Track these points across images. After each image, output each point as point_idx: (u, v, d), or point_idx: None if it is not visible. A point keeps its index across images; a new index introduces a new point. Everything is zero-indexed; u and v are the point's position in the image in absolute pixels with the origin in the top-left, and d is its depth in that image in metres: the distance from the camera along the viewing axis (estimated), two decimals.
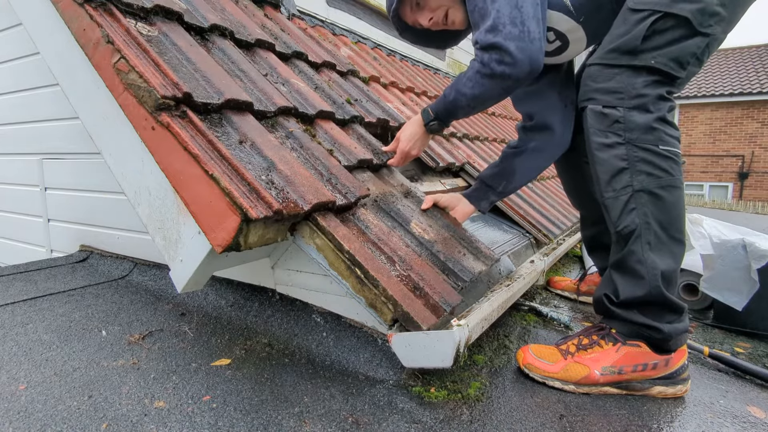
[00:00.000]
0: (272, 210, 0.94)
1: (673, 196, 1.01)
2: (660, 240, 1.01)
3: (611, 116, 1.03)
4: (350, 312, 1.19)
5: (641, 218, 1.01)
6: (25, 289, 1.59)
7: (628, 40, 1.01)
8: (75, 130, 1.90)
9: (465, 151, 2.25)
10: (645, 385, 1.04)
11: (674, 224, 1.02)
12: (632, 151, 1.01)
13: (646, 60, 1.00)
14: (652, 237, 1.01)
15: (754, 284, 1.43)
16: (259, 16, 1.82)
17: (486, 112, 3.52)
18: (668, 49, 0.98)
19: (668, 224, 1.01)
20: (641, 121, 1.00)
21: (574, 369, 1.05)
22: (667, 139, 1.01)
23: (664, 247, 1.02)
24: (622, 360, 1.04)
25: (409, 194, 1.44)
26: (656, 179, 1.00)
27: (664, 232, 1.01)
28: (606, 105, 1.04)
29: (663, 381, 1.04)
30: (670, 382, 1.04)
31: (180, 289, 1.05)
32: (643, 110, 1.00)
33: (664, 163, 1.00)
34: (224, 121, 1.11)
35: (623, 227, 1.04)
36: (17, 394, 0.97)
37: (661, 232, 1.01)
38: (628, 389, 1.05)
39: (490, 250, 1.35)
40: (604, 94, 1.05)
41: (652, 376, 1.04)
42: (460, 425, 0.90)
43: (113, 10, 1.13)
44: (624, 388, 1.05)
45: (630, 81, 1.01)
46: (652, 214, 1.01)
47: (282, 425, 0.88)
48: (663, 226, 1.01)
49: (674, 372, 1.04)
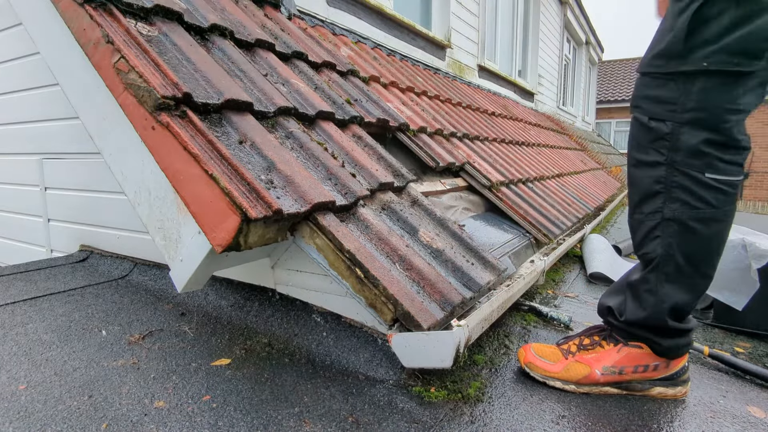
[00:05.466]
0: (272, 210, 0.94)
1: (710, 229, 0.89)
2: (681, 273, 0.93)
3: (657, 131, 0.89)
4: (350, 312, 1.19)
5: (664, 248, 0.92)
6: (25, 289, 1.59)
7: (672, 41, 0.83)
8: (75, 130, 1.90)
9: (465, 151, 2.25)
10: (645, 386, 1.04)
11: (705, 259, 0.91)
12: (672, 174, 0.88)
13: (697, 63, 0.81)
14: (672, 269, 0.93)
15: (754, 284, 1.43)
16: (259, 16, 1.82)
17: (486, 111, 3.52)
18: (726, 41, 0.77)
19: (698, 259, 0.91)
20: (691, 142, 0.85)
21: (575, 368, 1.05)
22: (719, 165, 0.85)
23: (685, 280, 0.93)
24: (623, 360, 1.03)
25: (416, 202, 1.44)
26: (692, 210, 0.88)
27: (690, 265, 0.92)
28: (653, 117, 0.89)
29: (663, 382, 1.03)
30: (670, 383, 1.03)
31: (180, 288, 1.05)
32: (701, 127, 0.84)
33: (707, 194, 0.86)
34: (224, 121, 1.12)
35: (643, 253, 0.98)
36: (17, 394, 0.97)
37: (686, 266, 0.92)
38: (629, 389, 1.05)
39: (497, 260, 1.36)
40: (653, 103, 0.89)
41: (653, 377, 1.03)
42: (460, 425, 0.90)
43: (113, 10, 1.13)
44: (624, 388, 1.05)
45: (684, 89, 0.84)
46: (677, 246, 0.91)
47: (282, 425, 0.88)
48: (690, 260, 0.91)
49: (675, 373, 1.03)
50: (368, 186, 1.29)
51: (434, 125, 2.19)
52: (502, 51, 5.45)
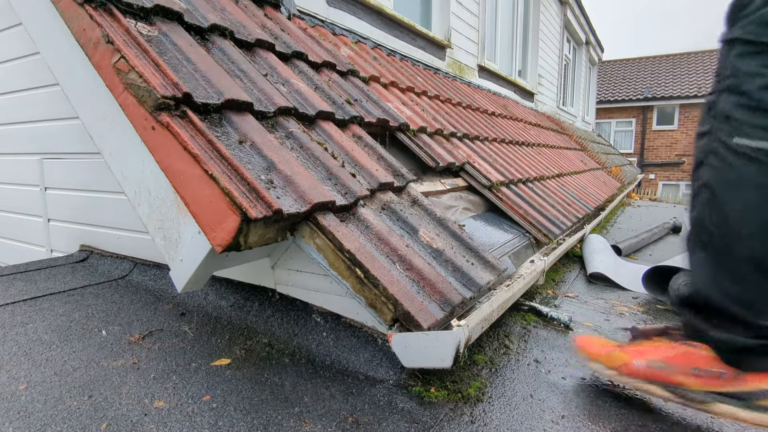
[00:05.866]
0: (272, 210, 0.94)
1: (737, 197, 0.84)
2: (714, 246, 0.88)
3: (708, 102, 0.91)
4: (350, 312, 1.19)
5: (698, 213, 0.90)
6: (25, 289, 1.59)
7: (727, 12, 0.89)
8: (75, 130, 1.90)
9: (465, 151, 2.26)
10: (707, 398, 0.85)
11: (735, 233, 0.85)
12: (711, 141, 0.88)
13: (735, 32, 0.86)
14: (706, 237, 0.89)
15: None
16: (259, 16, 1.82)
17: (486, 111, 3.52)
18: (760, 13, 0.82)
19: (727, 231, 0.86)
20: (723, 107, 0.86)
21: (617, 355, 0.96)
22: (747, 130, 0.82)
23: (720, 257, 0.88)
24: (676, 358, 0.88)
25: (416, 202, 1.44)
26: (720, 174, 0.86)
27: (722, 238, 0.86)
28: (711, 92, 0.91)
29: (732, 400, 0.83)
30: (743, 403, 0.82)
31: (180, 288, 1.05)
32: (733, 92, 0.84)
33: (735, 159, 0.84)
34: (224, 121, 1.12)
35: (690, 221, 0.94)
36: (17, 394, 0.97)
37: (718, 237, 0.87)
38: (685, 398, 0.87)
39: (497, 260, 1.36)
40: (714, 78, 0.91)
41: (716, 389, 0.84)
42: (460, 425, 0.90)
43: (113, 10, 1.13)
44: (679, 395, 0.88)
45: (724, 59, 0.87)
46: (708, 214, 0.88)
47: (282, 425, 0.88)
48: (721, 231, 0.86)
49: (749, 392, 0.82)
50: (368, 186, 1.29)
51: (434, 125, 2.19)
52: (502, 51, 5.45)
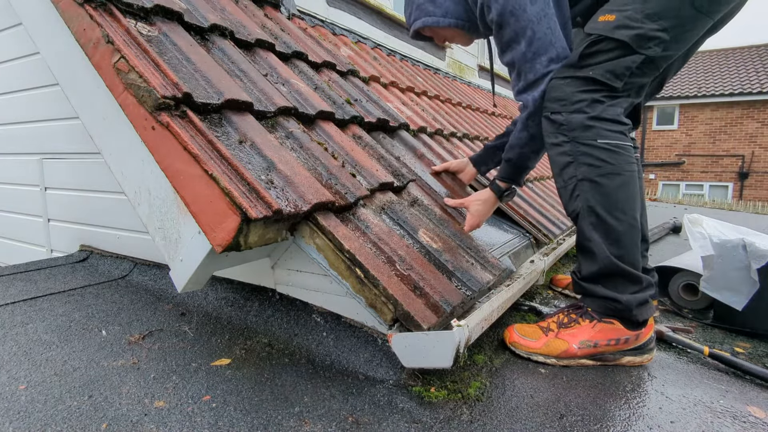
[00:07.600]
0: (272, 210, 0.94)
1: (613, 182, 1.13)
2: (602, 220, 1.14)
3: (557, 120, 1.18)
4: (350, 312, 1.19)
5: (583, 202, 1.16)
6: (25, 289, 1.59)
7: (574, 56, 1.18)
8: (75, 130, 1.90)
9: (465, 151, 2.26)
10: (617, 356, 1.18)
11: (618, 206, 1.14)
12: (575, 147, 1.16)
13: (586, 72, 1.15)
14: (594, 218, 1.15)
15: (754, 284, 1.43)
16: (259, 16, 1.82)
17: (486, 111, 3.52)
18: (605, 64, 1.13)
19: (611, 207, 1.14)
20: (578, 121, 1.15)
21: (555, 344, 1.18)
22: (606, 133, 1.14)
23: (608, 227, 1.14)
24: (598, 335, 1.17)
25: (416, 202, 1.44)
26: (596, 169, 1.14)
27: (608, 213, 1.14)
28: (553, 112, 1.19)
29: (632, 352, 1.18)
30: (638, 352, 1.18)
31: (180, 288, 1.05)
32: (580, 112, 1.15)
33: (604, 155, 1.14)
34: (224, 121, 1.12)
35: (571, 211, 1.20)
36: (17, 394, 0.97)
37: (605, 214, 1.14)
38: (602, 360, 1.18)
39: (497, 260, 1.37)
40: (553, 102, 1.19)
41: (624, 349, 1.18)
42: (460, 425, 0.90)
43: (113, 10, 1.13)
44: (598, 359, 1.18)
45: (571, 90, 1.16)
46: (593, 199, 1.15)
47: (282, 425, 0.88)
48: (606, 209, 1.14)
49: (643, 344, 1.18)
50: (368, 186, 1.29)
51: (434, 125, 2.19)
52: None
